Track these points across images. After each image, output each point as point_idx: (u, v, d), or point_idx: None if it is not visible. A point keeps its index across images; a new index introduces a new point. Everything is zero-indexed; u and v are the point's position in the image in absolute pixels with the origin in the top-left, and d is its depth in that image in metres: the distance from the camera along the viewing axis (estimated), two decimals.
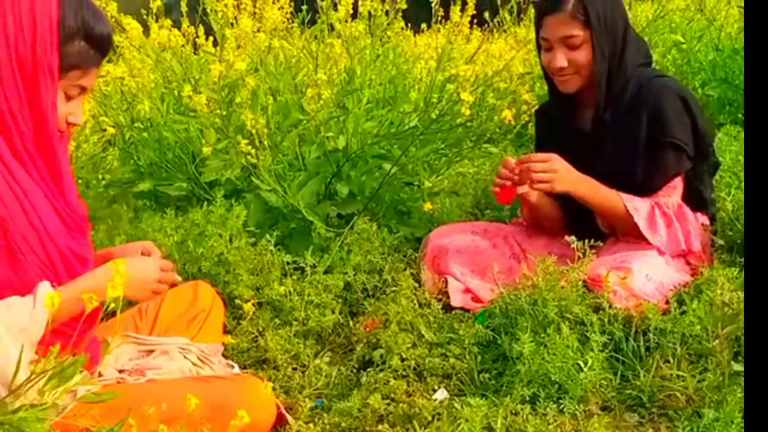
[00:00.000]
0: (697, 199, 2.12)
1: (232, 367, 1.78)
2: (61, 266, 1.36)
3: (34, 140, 1.32)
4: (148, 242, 1.64)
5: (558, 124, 2.23)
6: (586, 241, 1.87)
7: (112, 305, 1.10)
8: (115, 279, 1.11)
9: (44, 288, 1.27)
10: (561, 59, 2.04)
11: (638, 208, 2.03)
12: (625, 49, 2.07)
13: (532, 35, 2.32)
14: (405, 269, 2.21)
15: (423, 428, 1.58)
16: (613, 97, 2.08)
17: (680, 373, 1.63)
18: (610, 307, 1.76)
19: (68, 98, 1.35)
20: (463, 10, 2.78)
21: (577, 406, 1.58)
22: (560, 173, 2.00)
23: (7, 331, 1.22)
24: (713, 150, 2.15)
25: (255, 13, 2.98)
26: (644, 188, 2.06)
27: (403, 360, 1.81)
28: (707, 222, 2.13)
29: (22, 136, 1.30)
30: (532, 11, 4.37)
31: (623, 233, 2.11)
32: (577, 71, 2.06)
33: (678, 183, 2.08)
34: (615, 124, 2.09)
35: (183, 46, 3.29)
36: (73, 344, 1.18)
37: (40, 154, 1.33)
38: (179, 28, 3.35)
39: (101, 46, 1.35)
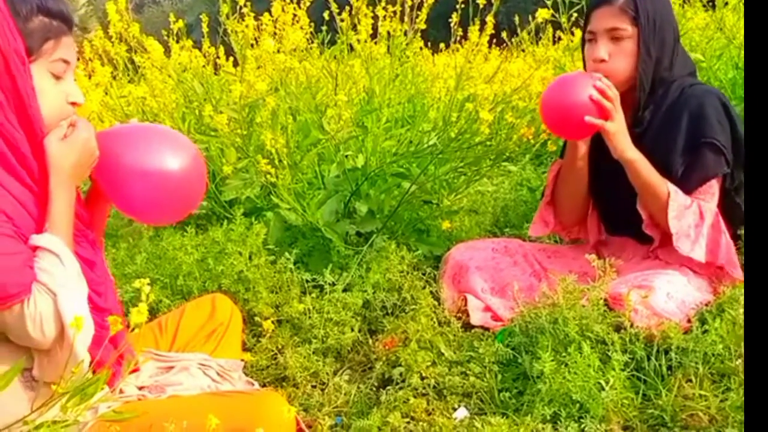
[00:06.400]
0: (731, 211, 2.07)
1: (252, 384, 1.78)
2: None
3: (28, 142, 1.30)
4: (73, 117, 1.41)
5: None
6: (607, 260, 1.86)
7: (135, 321, 1.11)
8: (140, 306, 1.11)
9: (51, 241, 1.28)
10: (603, 50, 2.02)
11: (679, 193, 1.99)
12: (675, 60, 2.07)
13: (551, 54, 2.32)
14: (424, 287, 2.21)
15: None
16: (654, 99, 2.07)
17: (703, 392, 1.61)
18: (632, 326, 1.75)
19: (57, 78, 1.34)
20: (481, 30, 2.79)
21: (598, 426, 1.56)
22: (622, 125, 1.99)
23: (62, 287, 1.25)
24: None
25: (275, 33, 3.02)
26: (681, 188, 2.02)
27: (422, 378, 1.81)
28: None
29: (15, 141, 1.28)
30: (550, 31, 4.39)
31: (660, 225, 2.08)
32: (615, 69, 2.02)
33: (716, 189, 2.03)
34: (655, 122, 2.08)
35: (204, 66, 3.33)
36: (98, 363, 1.20)
37: (34, 155, 1.32)
38: (200, 49, 3.39)
39: (62, 16, 1.34)
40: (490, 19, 2.73)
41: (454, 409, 1.73)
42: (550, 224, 2.34)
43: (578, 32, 3.91)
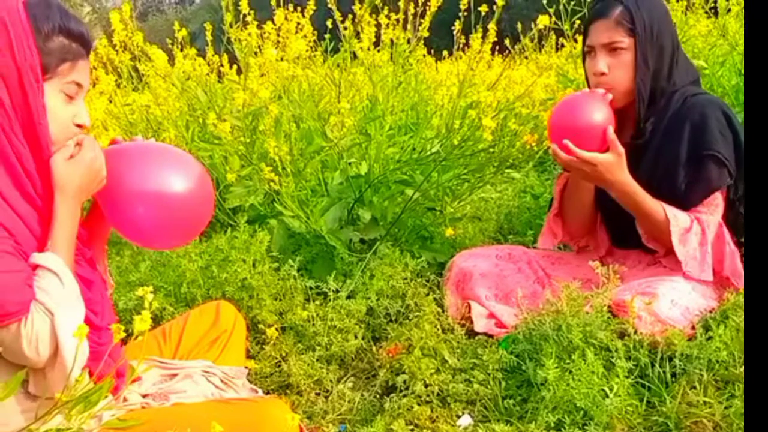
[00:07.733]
0: (735, 222, 2.07)
1: (256, 392, 1.78)
2: None
3: (33, 159, 1.30)
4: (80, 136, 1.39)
5: None
6: (611, 266, 1.86)
7: (139, 329, 1.11)
8: (144, 314, 1.11)
9: (52, 261, 1.27)
10: (602, 64, 2.04)
11: (678, 216, 2.00)
12: (674, 68, 2.07)
13: (554, 61, 2.33)
14: (428, 294, 2.21)
15: None
16: (655, 109, 2.07)
17: (707, 399, 1.60)
18: (636, 332, 1.74)
19: (68, 99, 1.34)
20: (484, 37, 2.80)
21: None
22: (599, 168, 1.97)
23: (60, 307, 1.23)
24: None
25: (279, 42, 3.03)
26: (685, 201, 2.02)
27: (426, 385, 1.81)
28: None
29: (20, 157, 1.28)
30: (553, 38, 4.39)
31: (660, 243, 2.08)
32: (616, 81, 2.03)
33: (720, 201, 2.03)
34: (657, 134, 2.07)
35: (207, 74, 3.34)
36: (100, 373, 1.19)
37: (39, 172, 1.31)
38: (204, 57, 3.40)
39: (82, 40, 1.34)
40: (492, 26, 2.73)
41: (458, 417, 1.73)
42: (558, 236, 2.35)
43: (581, 39, 3.92)
